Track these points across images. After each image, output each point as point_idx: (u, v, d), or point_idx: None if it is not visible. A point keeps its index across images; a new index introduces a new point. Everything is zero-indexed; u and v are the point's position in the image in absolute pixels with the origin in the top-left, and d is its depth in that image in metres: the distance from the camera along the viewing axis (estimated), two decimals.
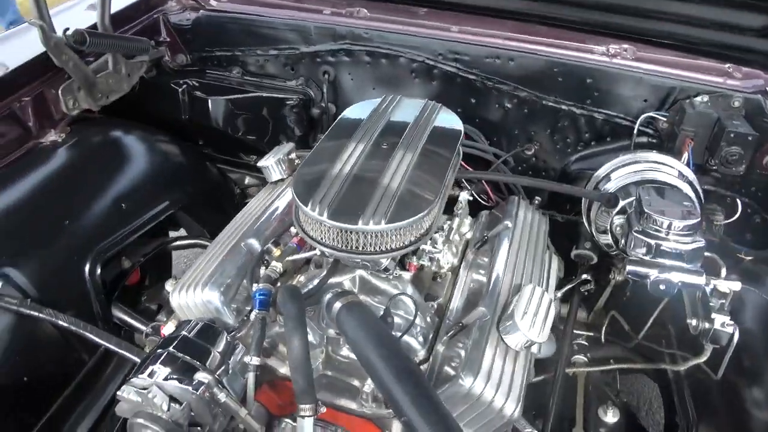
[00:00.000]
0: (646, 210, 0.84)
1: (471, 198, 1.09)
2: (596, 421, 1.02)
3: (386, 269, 0.89)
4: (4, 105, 1.10)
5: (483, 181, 1.23)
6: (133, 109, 1.37)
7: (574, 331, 1.23)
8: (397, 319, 0.89)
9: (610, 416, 1.01)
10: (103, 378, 1.12)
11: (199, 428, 0.78)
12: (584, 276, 1.10)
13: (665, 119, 1.13)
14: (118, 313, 1.17)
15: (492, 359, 0.81)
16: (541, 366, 1.12)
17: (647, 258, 0.83)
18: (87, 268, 1.10)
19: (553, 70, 1.18)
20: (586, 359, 1.15)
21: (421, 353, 0.89)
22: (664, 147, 1.14)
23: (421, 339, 0.90)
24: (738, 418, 0.82)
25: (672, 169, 1.05)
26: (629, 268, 0.83)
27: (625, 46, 1.18)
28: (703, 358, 0.85)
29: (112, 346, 1.00)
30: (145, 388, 0.76)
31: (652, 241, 0.82)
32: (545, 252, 1.10)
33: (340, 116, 1.03)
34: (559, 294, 1.11)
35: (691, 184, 1.04)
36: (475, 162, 1.26)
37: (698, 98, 1.10)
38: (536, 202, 1.20)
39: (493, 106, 1.26)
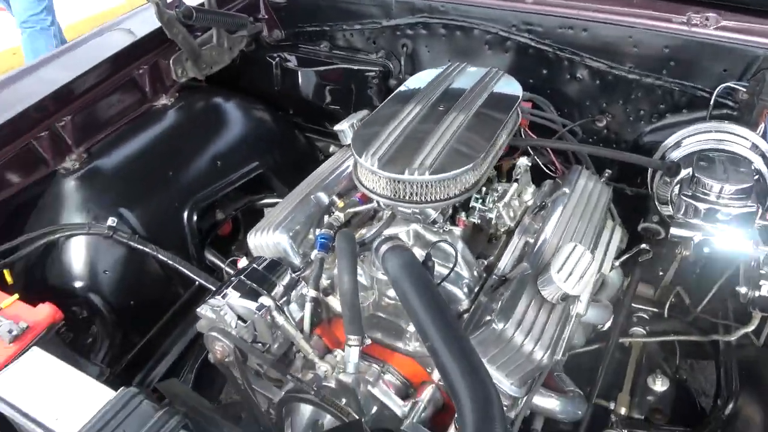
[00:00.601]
0: (696, 174, 0.84)
1: (530, 164, 1.12)
2: (644, 389, 1.03)
3: (434, 221, 0.95)
4: (126, 72, 1.30)
5: (550, 152, 1.25)
6: (233, 80, 1.54)
7: (639, 306, 1.22)
8: (444, 270, 0.96)
9: (659, 385, 1.01)
10: (195, 310, 1.29)
11: (260, 344, 0.90)
12: (642, 245, 1.09)
13: (745, 90, 1.08)
14: (211, 257, 1.34)
15: (526, 308, 0.85)
16: (598, 336, 1.13)
17: (693, 221, 0.82)
18: (185, 214, 1.28)
19: (628, 39, 1.17)
20: (644, 331, 1.14)
21: (465, 303, 0.95)
22: (743, 119, 1.09)
23: (466, 290, 0.96)
24: None
25: (745, 140, 1.01)
26: (672, 230, 0.83)
27: (709, 14, 1.14)
28: (751, 327, 0.83)
29: (203, 282, 1.16)
30: (218, 308, 0.89)
31: (700, 205, 0.82)
32: (604, 220, 1.11)
33: (405, 82, 1.10)
34: (617, 263, 1.11)
35: (764, 156, 1.00)
36: (545, 133, 1.28)
37: None
38: (606, 174, 1.20)
39: (564, 77, 1.27)
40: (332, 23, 1.51)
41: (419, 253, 0.98)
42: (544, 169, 1.27)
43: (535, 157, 1.26)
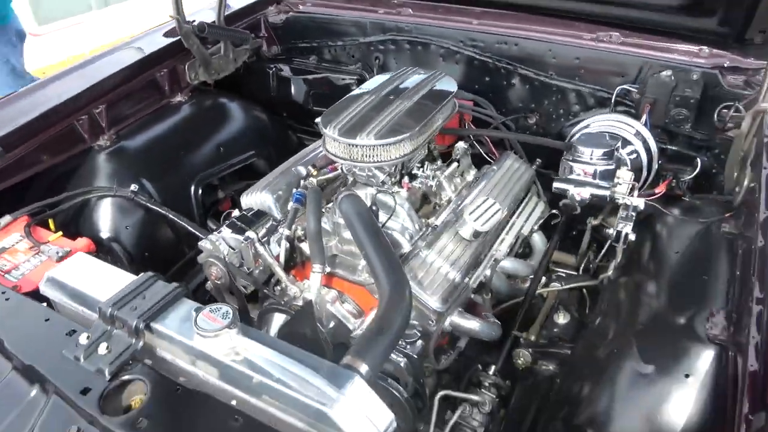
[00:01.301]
0: (574, 144, 1.12)
1: (467, 146, 1.41)
2: (552, 323, 1.29)
3: (383, 182, 1.24)
4: (150, 74, 1.61)
5: (489, 142, 1.54)
6: (236, 85, 1.85)
7: (559, 269, 1.49)
8: (392, 224, 1.24)
9: (561, 319, 1.27)
10: (197, 267, 1.57)
11: (247, 269, 1.18)
12: (553, 211, 1.37)
13: (636, 90, 1.37)
14: (211, 225, 1.62)
15: (446, 242, 1.13)
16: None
17: (571, 177, 1.10)
18: (192, 188, 1.57)
19: (548, 51, 1.47)
20: (560, 285, 1.41)
21: (407, 247, 1.22)
22: (635, 113, 1.38)
23: (408, 237, 1.23)
24: (626, 309, 1.05)
25: (630, 127, 1.30)
26: (555, 184, 1.11)
27: (613, 33, 1.44)
28: (613, 262, 1.10)
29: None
30: (215, 240, 1.18)
31: (576, 165, 1.10)
32: (525, 192, 1.39)
33: (366, 81, 1.40)
34: (536, 227, 1.38)
35: (644, 140, 1.28)
36: (487, 128, 1.58)
37: (663, 72, 1.33)
38: (537, 162, 1.49)
39: (502, 83, 1.57)
40: (319, 40, 1.83)
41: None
42: (486, 157, 1.56)
43: (478, 146, 1.56)
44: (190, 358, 0.83)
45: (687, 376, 0.85)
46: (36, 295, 0.99)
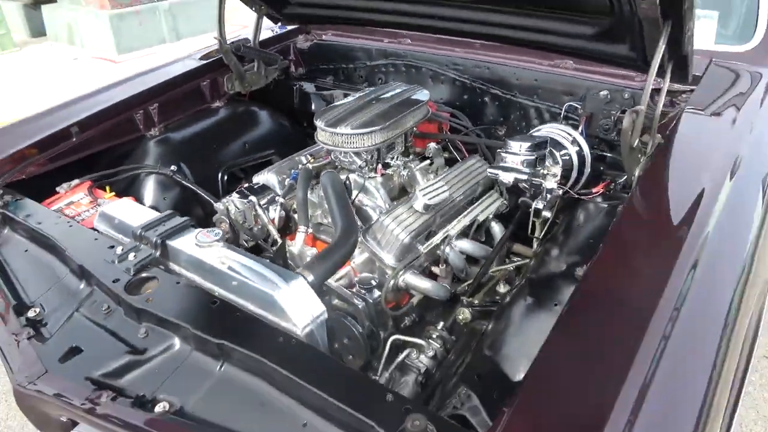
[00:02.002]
0: (508, 140, 1.41)
1: (439, 146, 1.72)
2: (494, 292, 1.55)
3: (360, 167, 1.56)
4: (195, 83, 2.01)
5: (463, 148, 1.84)
6: (266, 97, 2.23)
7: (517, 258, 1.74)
8: (368, 203, 1.55)
9: (502, 288, 1.53)
10: None
11: (248, 227, 1.51)
12: (501, 200, 1.64)
13: (580, 106, 1.65)
14: None
15: (401, 212, 1.43)
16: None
17: (503, 164, 1.39)
18: (220, 174, 1.93)
19: (513, 74, 1.78)
20: (511, 268, 1.67)
21: (375, 218, 1.53)
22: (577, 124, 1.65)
23: (377, 213, 1.54)
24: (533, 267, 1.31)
25: (568, 135, 1.57)
26: (489, 170, 1.40)
27: (568, 60, 1.73)
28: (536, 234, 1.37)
29: None
30: (225, 202, 1.53)
31: (508, 156, 1.39)
32: (483, 186, 1.67)
33: (360, 91, 1.75)
34: (491, 215, 1.65)
35: (579, 146, 1.55)
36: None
37: (602, 92, 1.60)
38: None
39: (477, 100, 1.88)
40: (336, 63, 2.20)
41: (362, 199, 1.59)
42: (457, 156, 1.86)
43: (454, 152, 1.86)
44: (190, 264, 1.16)
45: (556, 305, 1.11)
46: None
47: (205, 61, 2.04)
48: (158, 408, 0.93)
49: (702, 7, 1.78)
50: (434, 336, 1.48)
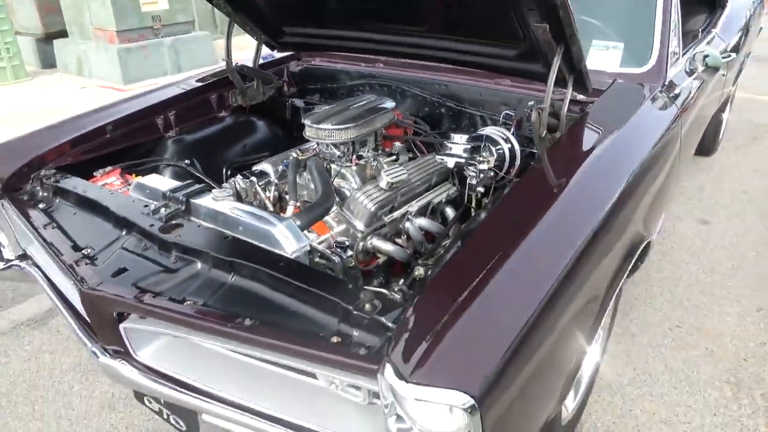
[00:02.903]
0: (451, 134, 1.84)
1: (402, 145, 2.14)
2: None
3: (339, 157, 1.98)
4: (205, 96, 2.44)
5: (424, 149, 2.27)
6: (263, 110, 2.66)
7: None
8: (345, 185, 1.96)
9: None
10: None
11: (249, 203, 1.91)
12: (449, 185, 2.06)
13: (513, 113, 2.08)
14: None
15: (369, 188, 1.83)
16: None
17: (449, 151, 1.82)
18: (224, 170, 2.34)
19: (464, 90, 2.22)
20: None
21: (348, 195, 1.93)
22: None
23: (351, 192, 1.95)
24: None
25: (503, 134, 2.00)
26: (437, 156, 1.83)
27: (505, 80, 2.18)
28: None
29: None
30: (231, 183, 1.93)
31: (451, 145, 1.82)
32: (439, 177, 2.08)
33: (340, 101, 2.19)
34: (444, 199, 2.06)
35: (511, 143, 1.97)
36: (425, 144, 2.31)
37: (530, 102, 2.04)
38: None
39: (436, 111, 2.32)
40: (322, 83, 2.64)
41: (340, 183, 2.00)
42: (418, 154, 2.28)
43: (417, 153, 2.29)
44: (208, 215, 1.56)
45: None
46: None
47: (213, 79, 2.47)
48: (187, 303, 1.31)
49: (613, 39, 2.26)
50: (396, 289, 1.86)
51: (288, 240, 1.44)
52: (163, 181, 1.75)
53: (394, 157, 2.13)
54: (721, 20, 3.25)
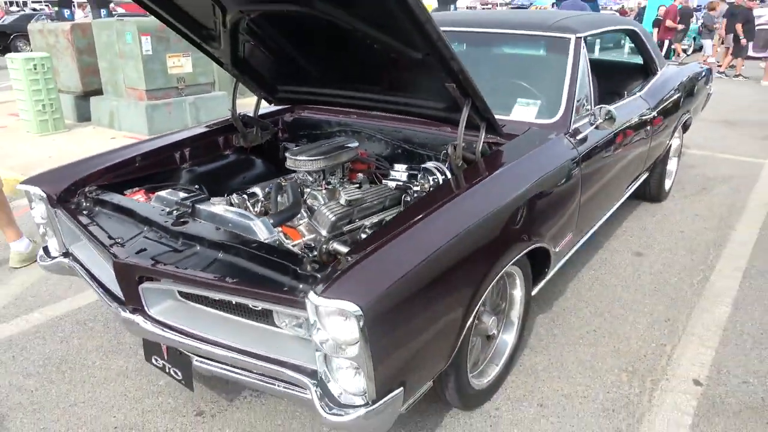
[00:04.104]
0: (395, 165, 2.44)
1: (364, 176, 2.73)
2: None
3: (312, 182, 2.57)
4: (213, 138, 3.08)
5: (380, 177, 2.86)
6: (260, 151, 3.29)
7: None
8: (316, 204, 2.55)
9: None
10: None
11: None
12: (401, 207, 2.63)
13: (446, 151, 2.67)
14: None
15: (333, 204, 2.42)
16: None
17: (390, 178, 2.41)
18: (225, 194, 2.94)
19: (413, 134, 2.84)
20: None
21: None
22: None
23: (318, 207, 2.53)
24: None
25: (439, 168, 2.59)
26: (383, 181, 2.41)
27: (447, 127, 2.79)
28: None
29: None
30: (227, 199, 2.53)
31: (394, 173, 2.41)
32: (392, 201, 2.65)
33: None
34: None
35: (444, 173, 2.55)
36: (384, 175, 2.90)
37: (455, 142, 2.63)
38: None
39: (395, 152, 2.92)
40: (308, 131, 3.28)
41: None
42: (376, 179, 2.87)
43: (378, 182, 2.88)
44: (207, 215, 2.15)
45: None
46: None
47: (221, 125, 3.13)
48: (188, 270, 1.87)
49: (534, 98, 2.88)
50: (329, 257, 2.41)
51: (262, 231, 2.01)
52: (176, 195, 2.35)
53: (357, 184, 2.72)
54: (648, 85, 3.90)
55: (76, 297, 3.25)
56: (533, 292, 2.61)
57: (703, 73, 5.03)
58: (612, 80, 3.97)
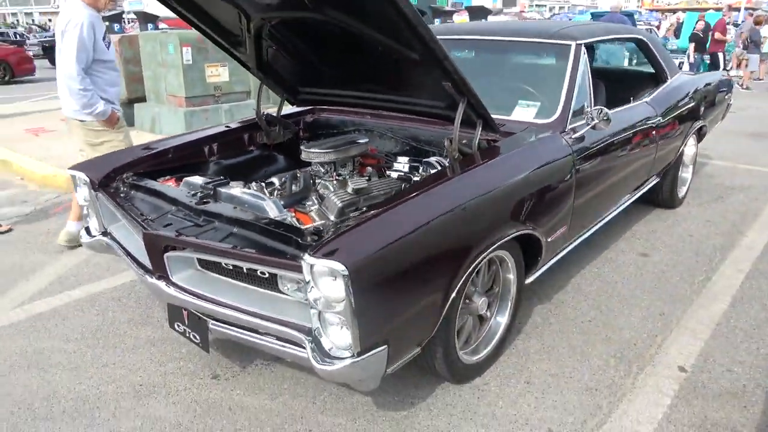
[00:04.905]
0: (397, 157, 2.67)
1: (373, 170, 2.97)
2: None
3: (324, 173, 2.82)
4: (239, 135, 3.37)
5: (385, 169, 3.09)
6: (282, 148, 3.56)
7: None
8: (327, 193, 2.79)
9: None
10: None
11: None
12: None
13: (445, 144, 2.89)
14: None
15: (342, 192, 2.66)
16: None
17: (394, 168, 2.64)
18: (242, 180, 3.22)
19: (416, 131, 3.06)
20: None
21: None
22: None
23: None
24: None
25: (440, 162, 2.80)
26: (387, 171, 2.65)
27: (450, 126, 3.00)
28: None
29: None
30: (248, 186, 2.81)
31: (396, 164, 2.64)
32: (395, 192, 2.88)
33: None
34: None
35: (442, 165, 2.77)
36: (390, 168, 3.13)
37: (451, 135, 2.83)
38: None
39: (403, 148, 3.15)
40: (326, 130, 3.55)
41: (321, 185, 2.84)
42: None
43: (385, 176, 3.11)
44: (227, 197, 2.42)
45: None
46: None
47: (247, 123, 3.43)
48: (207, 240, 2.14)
49: (534, 100, 3.08)
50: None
51: (272, 209, 2.27)
52: (202, 180, 2.63)
53: (366, 177, 2.96)
54: (656, 92, 4.03)
55: (113, 277, 3.57)
56: (528, 281, 2.78)
57: (720, 83, 5.10)
58: (623, 87, 4.11)
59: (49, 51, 17.08)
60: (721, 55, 13.86)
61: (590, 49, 3.48)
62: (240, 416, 2.33)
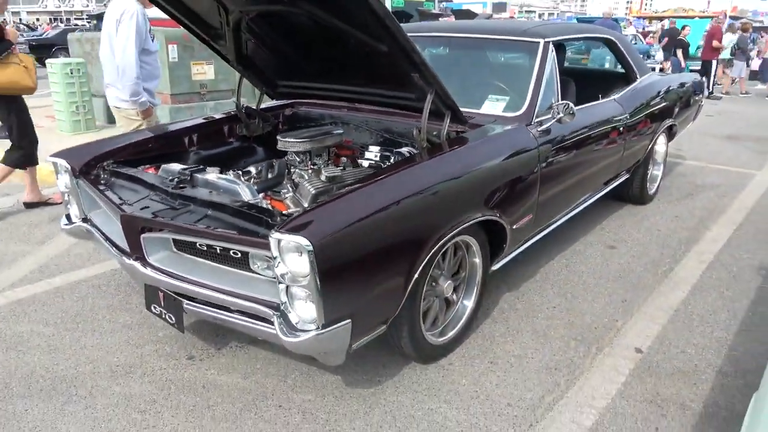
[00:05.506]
0: (369, 146, 2.78)
1: (347, 160, 3.07)
2: None
3: (299, 162, 2.92)
4: (219, 126, 3.46)
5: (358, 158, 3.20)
6: (261, 140, 3.66)
7: None
8: (302, 180, 2.90)
9: None
10: None
11: None
12: None
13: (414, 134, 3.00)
14: None
15: (315, 180, 2.76)
16: None
17: (365, 157, 2.75)
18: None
19: (389, 122, 3.17)
20: None
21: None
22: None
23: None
24: None
25: (411, 151, 2.91)
26: (359, 160, 2.75)
27: (420, 118, 3.12)
28: None
29: None
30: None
31: (367, 153, 2.75)
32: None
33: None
34: None
35: (411, 153, 2.88)
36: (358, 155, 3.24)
37: (420, 125, 2.94)
38: None
39: (378, 140, 3.26)
40: (304, 123, 3.65)
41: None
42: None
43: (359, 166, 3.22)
44: (202, 182, 2.51)
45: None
46: None
47: (227, 115, 3.52)
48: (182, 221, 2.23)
49: (503, 95, 3.20)
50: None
51: (246, 193, 2.36)
52: (179, 166, 2.72)
53: (341, 167, 3.06)
54: (624, 91, 4.18)
55: (94, 267, 3.64)
56: (495, 267, 2.90)
57: (690, 84, 5.26)
58: (594, 86, 4.25)
59: (37, 50, 16.94)
60: (714, 63, 13.60)
61: (560, 47, 3.62)
62: (213, 393, 2.42)
